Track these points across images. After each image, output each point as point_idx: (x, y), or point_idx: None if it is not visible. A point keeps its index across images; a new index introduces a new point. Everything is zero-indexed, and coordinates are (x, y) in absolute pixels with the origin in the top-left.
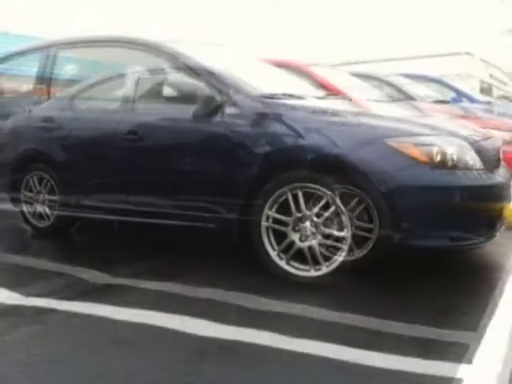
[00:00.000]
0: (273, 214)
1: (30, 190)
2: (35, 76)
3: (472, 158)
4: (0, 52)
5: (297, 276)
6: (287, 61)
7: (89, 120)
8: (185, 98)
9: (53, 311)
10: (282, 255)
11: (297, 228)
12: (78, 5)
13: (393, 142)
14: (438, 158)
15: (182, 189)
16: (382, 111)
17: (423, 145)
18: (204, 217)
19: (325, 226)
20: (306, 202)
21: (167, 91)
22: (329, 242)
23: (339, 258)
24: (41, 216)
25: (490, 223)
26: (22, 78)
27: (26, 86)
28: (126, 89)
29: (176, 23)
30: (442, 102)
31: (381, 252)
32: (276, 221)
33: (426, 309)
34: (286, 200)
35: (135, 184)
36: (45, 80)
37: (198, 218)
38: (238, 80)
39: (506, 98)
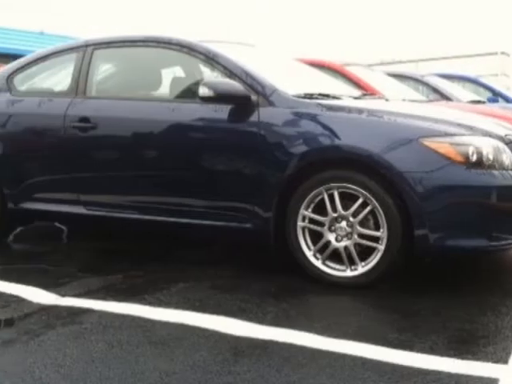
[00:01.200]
0: (309, 213)
1: None
2: (71, 75)
3: (508, 158)
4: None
5: (333, 276)
6: (321, 60)
7: None
8: (220, 97)
9: (86, 311)
10: (317, 255)
11: (333, 228)
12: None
13: (428, 142)
14: (474, 158)
15: (218, 189)
16: (417, 111)
17: (459, 144)
18: (240, 217)
19: (361, 225)
20: (342, 201)
21: (203, 91)
22: (364, 242)
23: (375, 257)
24: None
25: None
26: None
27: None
28: (162, 88)
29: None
30: (478, 101)
31: (417, 252)
32: (312, 221)
33: (460, 308)
34: (322, 200)
35: (170, 183)
36: (80, 79)
37: (234, 219)
38: (273, 80)
39: None
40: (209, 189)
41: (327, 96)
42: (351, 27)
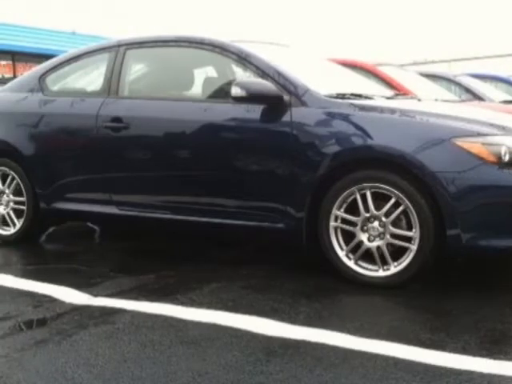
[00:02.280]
0: (341, 213)
1: None
2: (103, 75)
3: None
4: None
5: (365, 276)
6: (354, 60)
7: None
8: (252, 97)
9: (118, 311)
10: (350, 255)
11: (365, 228)
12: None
13: (460, 142)
14: (507, 158)
15: (250, 189)
16: (449, 111)
17: (491, 144)
18: (272, 217)
19: (393, 225)
20: (375, 201)
21: (235, 91)
22: (397, 242)
23: (408, 257)
24: (4, 221)
25: None
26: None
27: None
28: (194, 88)
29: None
30: (511, 102)
31: (449, 252)
32: (344, 221)
33: (492, 308)
34: (355, 200)
35: (202, 183)
36: (113, 79)
37: (266, 219)
38: (306, 80)
39: None
40: (241, 189)
41: (359, 96)
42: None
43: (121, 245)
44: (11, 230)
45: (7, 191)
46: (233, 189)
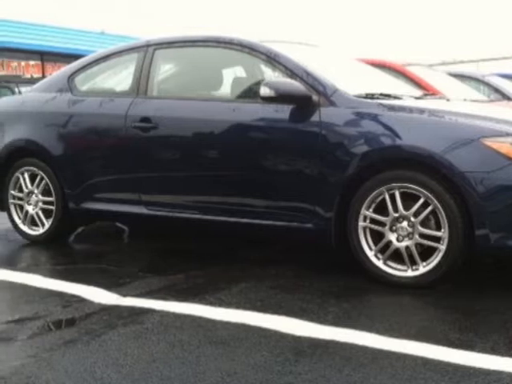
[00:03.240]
0: (370, 213)
1: (20, 190)
2: (132, 75)
3: None
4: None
5: (394, 276)
6: (383, 60)
7: None
8: (281, 97)
9: (147, 311)
10: (379, 255)
11: (394, 228)
12: (172, 4)
13: (489, 142)
14: None
15: (279, 189)
16: (478, 111)
17: None
18: (301, 217)
19: (422, 225)
20: (403, 201)
21: (264, 91)
22: (426, 242)
23: (437, 257)
24: (33, 221)
25: None
26: None
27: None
28: (223, 88)
29: (269, 23)
30: None
31: (478, 252)
32: (373, 221)
33: None
34: (383, 200)
35: (231, 183)
36: (142, 79)
37: (295, 219)
38: (334, 80)
39: None
40: (270, 189)
41: (388, 96)
42: (413, 27)
43: (149, 245)
44: (40, 230)
45: (36, 191)
46: (261, 189)
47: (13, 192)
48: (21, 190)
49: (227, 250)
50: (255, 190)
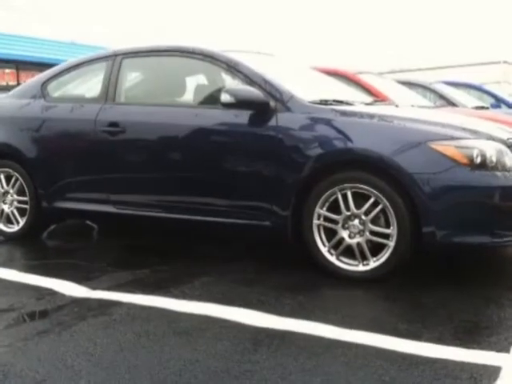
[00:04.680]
0: (324, 212)
1: None
2: (101, 82)
3: (510, 160)
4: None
5: (346, 271)
6: (335, 69)
7: None
8: (241, 103)
9: (115, 304)
10: (332, 251)
11: (346, 225)
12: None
13: (435, 145)
14: (479, 160)
15: (239, 189)
16: (425, 116)
17: (464, 148)
18: (260, 215)
19: (372, 223)
20: (355, 201)
21: (224, 98)
22: (376, 239)
23: (386, 253)
24: (8, 219)
25: None
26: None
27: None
28: (186, 94)
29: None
30: (482, 107)
31: (425, 249)
32: (327, 219)
33: (465, 301)
34: (336, 199)
35: (194, 183)
36: (110, 86)
37: (254, 217)
38: (290, 87)
39: None
40: (230, 189)
41: (341, 102)
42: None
43: (117, 242)
44: (15, 228)
45: (11, 191)
46: (223, 189)
47: None
48: None
49: (191, 247)
50: (217, 190)
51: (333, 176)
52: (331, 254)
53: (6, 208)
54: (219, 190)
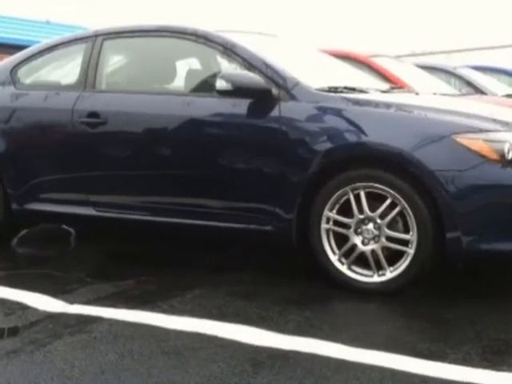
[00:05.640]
0: (333, 215)
1: None
2: (79, 67)
3: None
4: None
5: (359, 282)
6: (347, 51)
7: None
8: (238, 91)
9: (95, 320)
10: (343, 259)
11: (359, 230)
12: None
13: (461, 139)
14: (511, 156)
15: (236, 189)
16: (449, 106)
17: (494, 141)
18: (260, 219)
19: (389, 228)
20: (369, 202)
21: (220, 84)
22: (393, 246)
23: (405, 262)
24: None
25: None
26: None
27: None
28: (176, 81)
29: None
30: None
31: (449, 257)
32: (337, 223)
33: (495, 316)
34: (348, 201)
35: (185, 182)
36: (89, 71)
37: (253, 221)
38: (295, 72)
39: None
40: (226, 189)
41: (353, 89)
42: (380, 16)
43: (98, 248)
44: None
45: None
46: (217, 189)
47: None
48: None
49: (180, 254)
50: (211, 190)
51: (344, 174)
52: (342, 263)
53: None
54: (214, 189)
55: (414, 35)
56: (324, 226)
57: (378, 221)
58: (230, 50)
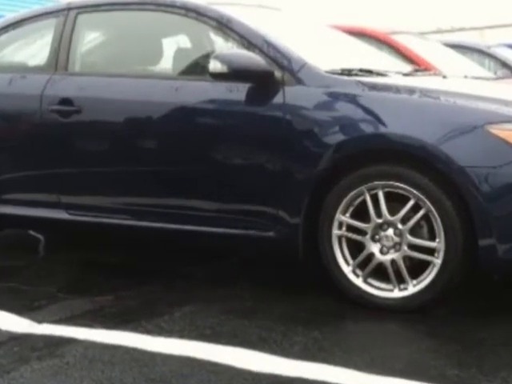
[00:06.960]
0: (347, 219)
1: None
2: (49, 46)
3: None
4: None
5: (376, 297)
6: (362, 28)
7: None
8: (235, 74)
9: (68, 342)
10: (357, 271)
11: (377, 237)
12: None
13: (496, 130)
14: None
15: (232, 188)
16: (482, 91)
17: None
18: (260, 223)
19: (412, 234)
20: (389, 204)
21: (214, 66)
22: (416, 255)
23: (430, 274)
24: None
25: None
26: None
27: None
28: (163, 62)
29: None
30: None
31: (482, 267)
32: (351, 228)
33: None
34: (364, 202)
35: (172, 181)
36: (61, 51)
37: (252, 225)
38: (302, 52)
39: None
40: (221, 188)
41: (370, 72)
42: None
43: (71, 258)
44: None
45: None
46: (211, 188)
47: None
48: None
49: (168, 265)
50: (203, 189)
51: (359, 171)
52: (357, 276)
53: None
54: (207, 189)
55: (440, 9)
56: (336, 231)
57: (399, 226)
58: (225, 26)
